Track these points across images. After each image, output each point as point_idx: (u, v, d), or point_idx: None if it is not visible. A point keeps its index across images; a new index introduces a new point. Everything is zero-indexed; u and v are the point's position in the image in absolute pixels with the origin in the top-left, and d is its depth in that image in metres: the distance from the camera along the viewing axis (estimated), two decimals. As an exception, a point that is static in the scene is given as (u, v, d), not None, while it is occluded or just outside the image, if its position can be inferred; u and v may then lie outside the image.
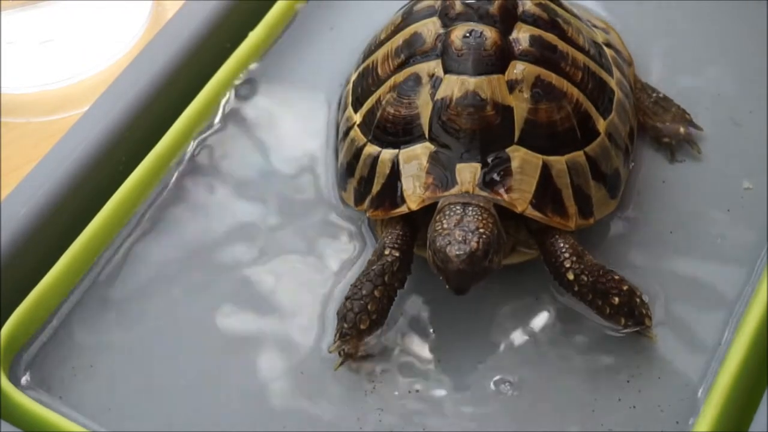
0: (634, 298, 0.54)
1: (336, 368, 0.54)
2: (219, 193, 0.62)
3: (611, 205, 0.57)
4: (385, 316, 0.54)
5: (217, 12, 0.67)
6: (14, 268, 0.56)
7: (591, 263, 0.54)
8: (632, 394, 0.53)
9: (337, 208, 0.60)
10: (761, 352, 0.53)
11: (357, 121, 0.58)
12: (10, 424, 0.50)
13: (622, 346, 0.55)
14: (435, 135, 0.54)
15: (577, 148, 0.55)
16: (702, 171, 0.62)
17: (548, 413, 0.53)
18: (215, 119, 0.65)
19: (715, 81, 0.65)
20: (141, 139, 0.62)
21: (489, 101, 0.54)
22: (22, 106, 0.72)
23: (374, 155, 0.56)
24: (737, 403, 0.52)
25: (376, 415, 0.53)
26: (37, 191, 0.58)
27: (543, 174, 0.54)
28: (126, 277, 0.58)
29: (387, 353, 0.55)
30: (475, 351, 0.55)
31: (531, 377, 0.54)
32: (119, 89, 0.63)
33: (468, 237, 0.50)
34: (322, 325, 0.56)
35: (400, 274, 0.54)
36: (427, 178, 0.54)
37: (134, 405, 0.54)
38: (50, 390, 0.54)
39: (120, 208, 0.60)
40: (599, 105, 0.57)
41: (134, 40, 0.75)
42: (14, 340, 0.55)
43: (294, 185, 0.62)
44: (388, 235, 0.55)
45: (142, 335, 0.56)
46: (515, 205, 0.53)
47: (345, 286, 0.56)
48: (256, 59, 0.67)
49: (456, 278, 0.50)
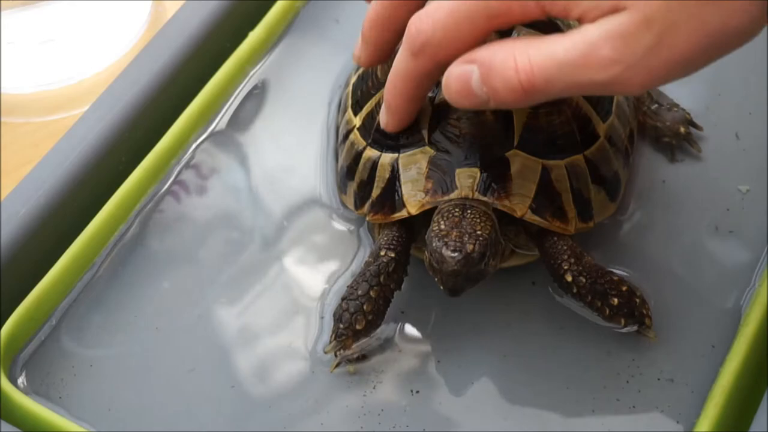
0: (634, 299, 0.54)
1: (332, 369, 0.54)
2: (218, 193, 0.62)
3: (611, 209, 0.57)
4: (381, 317, 0.54)
5: (217, 12, 0.67)
6: (14, 268, 0.56)
7: (590, 264, 0.54)
8: (632, 394, 0.53)
9: (336, 210, 0.60)
10: (761, 352, 0.53)
11: (357, 125, 0.58)
12: (9, 425, 0.51)
13: (622, 346, 0.55)
14: (434, 139, 0.54)
15: (576, 151, 0.55)
16: (702, 171, 0.62)
17: (548, 413, 0.53)
18: (215, 119, 0.65)
19: (715, 81, 0.65)
20: (141, 139, 0.62)
21: None
22: (22, 106, 0.72)
23: (374, 159, 0.56)
24: (737, 403, 0.52)
25: (376, 416, 0.53)
26: (37, 191, 0.58)
27: (542, 178, 0.54)
28: (126, 277, 0.58)
29: (386, 354, 0.55)
30: (474, 351, 0.55)
31: (530, 377, 0.54)
32: (119, 89, 0.63)
33: (465, 239, 0.50)
34: (320, 326, 0.56)
35: (396, 275, 0.54)
36: (427, 183, 0.54)
37: (134, 405, 0.54)
38: (50, 390, 0.54)
39: (120, 209, 0.60)
40: (599, 108, 0.57)
41: (134, 40, 0.75)
42: (14, 340, 0.55)
43: (293, 186, 0.62)
44: (384, 237, 0.55)
45: (141, 335, 0.56)
46: (515, 210, 0.53)
47: (342, 287, 0.56)
48: (256, 60, 0.67)
49: (450, 280, 0.50)
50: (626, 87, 0.43)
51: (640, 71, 0.43)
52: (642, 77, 0.43)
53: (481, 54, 0.46)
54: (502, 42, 0.46)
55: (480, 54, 0.46)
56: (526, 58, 0.44)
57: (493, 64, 0.45)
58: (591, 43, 0.43)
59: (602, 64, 0.43)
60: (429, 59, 0.48)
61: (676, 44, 0.42)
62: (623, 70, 0.43)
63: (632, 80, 0.43)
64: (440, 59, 0.48)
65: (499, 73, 0.45)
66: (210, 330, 0.56)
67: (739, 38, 0.43)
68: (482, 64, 0.46)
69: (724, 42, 0.43)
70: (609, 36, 0.42)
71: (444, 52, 0.47)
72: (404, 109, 0.53)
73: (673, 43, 0.42)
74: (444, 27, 0.46)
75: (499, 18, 0.45)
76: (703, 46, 0.42)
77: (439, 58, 0.48)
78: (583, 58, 0.43)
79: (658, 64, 0.42)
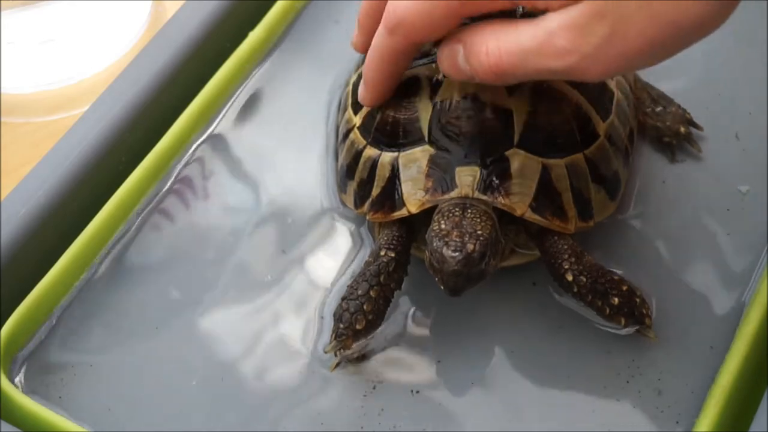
0: (634, 298, 0.54)
1: (332, 369, 0.54)
2: (218, 193, 0.62)
3: (611, 208, 0.57)
4: (381, 317, 0.54)
5: (217, 12, 0.67)
6: (14, 268, 0.56)
7: (590, 264, 0.54)
8: (632, 394, 0.53)
9: (336, 210, 0.60)
10: (761, 352, 0.53)
11: (357, 124, 0.58)
12: (9, 425, 0.50)
13: (622, 346, 0.55)
14: (435, 138, 0.54)
15: (576, 150, 0.55)
16: (702, 171, 0.62)
17: (548, 413, 0.53)
18: (215, 119, 0.65)
19: (715, 81, 0.65)
20: (141, 139, 0.62)
21: (489, 104, 0.54)
22: (22, 106, 0.72)
23: (374, 158, 0.56)
24: (737, 403, 0.52)
25: (376, 416, 0.53)
26: (37, 191, 0.58)
27: (542, 177, 0.54)
28: (126, 277, 0.58)
29: (387, 354, 0.55)
30: (474, 351, 0.55)
31: (530, 377, 0.54)
32: (119, 89, 0.63)
33: (465, 239, 0.50)
34: (320, 326, 0.56)
35: (396, 274, 0.54)
36: (427, 182, 0.54)
37: (134, 405, 0.54)
38: (50, 390, 0.54)
39: (120, 209, 0.60)
40: (599, 107, 0.57)
41: (134, 40, 0.75)
42: (14, 340, 0.55)
43: (293, 186, 0.62)
44: (385, 236, 0.55)
45: (141, 335, 0.56)
46: (515, 209, 0.53)
47: (342, 287, 0.56)
48: (257, 60, 0.67)
49: (451, 279, 0.50)
50: (584, 75, 0.45)
51: (596, 61, 0.44)
52: (599, 67, 0.45)
53: (464, 35, 0.49)
54: (482, 25, 0.48)
55: (463, 35, 0.49)
56: (496, 44, 0.47)
57: (471, 46, 0.48)
58: (549, 33, 0.45)
59: (558, 54, 0.45)
60: (403, 38, 0.51)
61: (629, 36, 0.43)
62: (579, 59, 0.44)
63: (589, 69, 0.45)
64: (414, 39, 0.51)
65: (475, 55, 0.48)
66: (210, 330, 0.56)
67: (698, 31, 0.44)
68: (464, 44, 0.49)
69: (682, 35, 0.44)
70: (565, 26, 0.44)
71: (417, 33, 0.50)
72: (381, 84, 0.55)
73: (627, 35, 0.43)
74: (417, 10, 0.49)
75: (470, 6, 0.48)
76: (659, 39, 0.44)
77: (412, 38, 0.51)
78: (541, 47, 0.45)
79: (614, 54, 0.44)
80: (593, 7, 0.43)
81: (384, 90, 0.56)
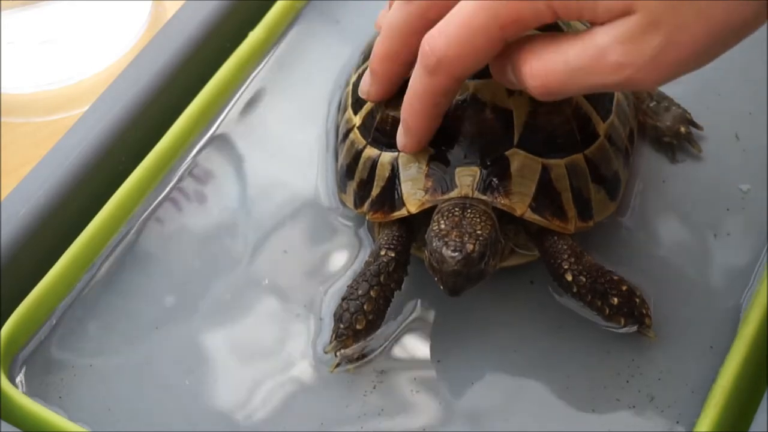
0: (634, 298, 0.54)
1: (332, 370, 0.54)
2: (218, 192, 0.62)
3: (611, 208, 0.57)
4: (381, 317, 0.54)
5: (217, 12, 0.67)
6: (14, 268, 0.56)
7: (590, 264, 0.54)
8: (632, 394, 0.53)
9: (335, 210, 0.60)
10: (761, 352, 0.53)
11: (357, 123, 0.58)
12: (9, 425, 0.50)
13: (622, 346, 0.54)
14: (434, 138, 0.54)
15: (576, 150, 0.55)
16: (702, 171, 0.62)
17: (548, 413, 0.53)
18: (215, 120, 0.65)
19: (715, 81, 0.65)
20: (141, 139, 0.62)
21: (488, 104, 0.54)
22: (22, 106, 0.72)
23: (374, 158, 0.56)
24: (737, 403, 0.52)
25: (376, 416, 0.53)
26: (37, 191, 0.58)
27: (542, 177, 0.54)
28: (126, 277, 0.58)
29: (386, 354, 0.55)
30: (474, 351, 0.55)
31: (530, 377, 0.54)
32: (119, 89, 0.63)
33: (465, 239, 0.50)
34: (319, 326, 0.56)
35: (396, 274, 0.54)
36: (427, 182, 0.54)
37: (134, 405, 0.54)
38: (50, 390, 0.54)
39: (120, 209, 0.60)
40: (599, 107, 0.57)
41: (134, 40, 0.75)
42: (14, 340, 0.55)
43: (293, 186, 0.62)
44: (384, 236, 0.55)
45: (141, 336, 0.56)
46: (515, 209, 0.53)
47: (342, 287, 0.56)
48: (257, 60, 0.67)
49: (450, 279, 0.50)
50: (639, 85, 0.45)
51: (650, 72, 0.44)
52: (653, 76, 0.44)
53: (508, 52, 0.47)
54: (521, 44, 0.47)
55: (507, 51, 0.48)
56: (539, 64, 0.46)
57: (516, 65, 0.47)
58: (599, 48, 0.44)
59: (612, 69, 0.44)
60: (445, 76, 0.49)
61: (683, 43, 0.43)
62: (633, 72, 0.44)
63: (644, 80, 0.44)
64: (457, 74, 0.49)
65: (521, 76, 0.47)
66: (209, 330, 0.56)
67: (742, 32, 0.44)
68: (510, 63, 0.48)
69: (729, 37, 0.44)
70: (618, 41, 0.43)
71: (460, 67, 0.48)
72: (423, 129, 0.53)
73: (681, 41, 0.43)
74: (458, 42, 0.47)
75: (512, 26, 0.46)
76: (711, 42, 0.43)
77: (455, 73, 0.49)
78: (593, 63, 0.44)
79: (668, 63, 0.43)
80: (647, 17, 0.42)
81: (427, 134, 0.53)
